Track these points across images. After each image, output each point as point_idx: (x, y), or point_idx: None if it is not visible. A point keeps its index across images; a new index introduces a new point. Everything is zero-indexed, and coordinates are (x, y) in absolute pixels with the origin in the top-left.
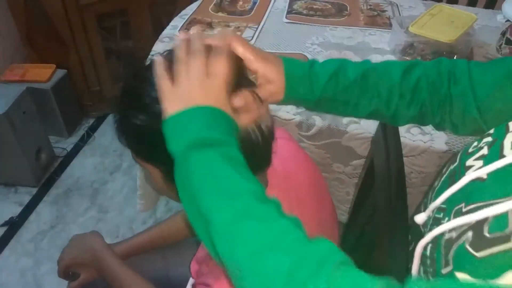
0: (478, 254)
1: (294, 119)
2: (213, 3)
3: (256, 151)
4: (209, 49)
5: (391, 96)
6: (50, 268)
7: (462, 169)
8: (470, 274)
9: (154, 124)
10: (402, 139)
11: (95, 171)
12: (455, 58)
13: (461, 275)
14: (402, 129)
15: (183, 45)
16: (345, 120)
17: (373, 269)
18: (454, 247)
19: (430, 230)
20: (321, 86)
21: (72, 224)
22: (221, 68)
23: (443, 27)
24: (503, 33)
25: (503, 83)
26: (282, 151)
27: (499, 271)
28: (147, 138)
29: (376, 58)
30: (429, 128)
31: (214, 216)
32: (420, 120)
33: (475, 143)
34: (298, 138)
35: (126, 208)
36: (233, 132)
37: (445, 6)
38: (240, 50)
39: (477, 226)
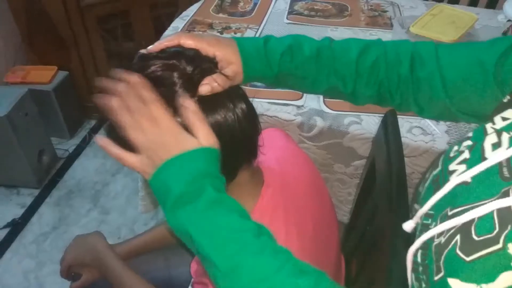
0: (468, 258)
1: (295, 120)
2: (214, 4)
3: (235, 136)
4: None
5: (348, 74)
6: (53, 269)
7: (446, 174)
8: (462, 279)
9: None
10: (403, 139)
11: (97, 173)
12: None
13: (453, 281)
14: (403, 129)
15: (122, 106)
16: (346, 120)
17: (374, 270)
18: (445, 253)
19: (419, 236)
20: (277, 61)
21: (74, 226)
22: (161, 112)
23: (444, 27)
24: (505, 33)
25: (473, 71)
26: (279, 151)
27: (494, 274)
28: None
29: None
30: (430, 129)
31: (213, 259)
32: (379, 100)
33: (455, 147)
34: (299, 139)
35: (128, 209)
36: (209, 166)
37: (446, 6)
38: (192, 43)
39: (464, 229)
